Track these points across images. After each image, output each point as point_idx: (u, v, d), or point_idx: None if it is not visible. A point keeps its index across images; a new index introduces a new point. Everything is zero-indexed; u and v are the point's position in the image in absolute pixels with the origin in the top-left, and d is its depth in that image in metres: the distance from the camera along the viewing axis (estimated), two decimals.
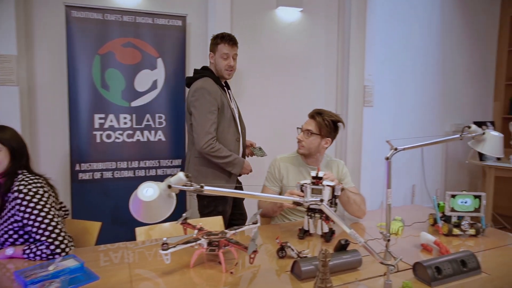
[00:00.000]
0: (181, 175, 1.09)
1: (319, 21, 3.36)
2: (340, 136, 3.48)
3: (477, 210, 1.65)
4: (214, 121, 2.04)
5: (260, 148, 2.41)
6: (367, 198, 1.94)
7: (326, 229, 1.56)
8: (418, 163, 3.84)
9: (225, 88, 2.24)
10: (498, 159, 3.76)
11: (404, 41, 3.76)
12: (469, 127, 1.50)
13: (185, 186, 1.09)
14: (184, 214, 1.50)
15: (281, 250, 1.39)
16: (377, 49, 3.51)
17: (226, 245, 1.32)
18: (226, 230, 1.41)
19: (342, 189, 1.71)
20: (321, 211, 1.58)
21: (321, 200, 1.09)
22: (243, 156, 2.28)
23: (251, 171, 2.25)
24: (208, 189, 1.08)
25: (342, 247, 1.33)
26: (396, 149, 1.34)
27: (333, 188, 1.58)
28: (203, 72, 2.19)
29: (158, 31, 2.62)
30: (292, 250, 1.37)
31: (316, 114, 1.87)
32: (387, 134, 3.46)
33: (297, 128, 1.93)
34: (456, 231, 1.64)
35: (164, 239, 1.24)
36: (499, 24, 4.38)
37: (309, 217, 1.58)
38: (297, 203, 1.09)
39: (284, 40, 3.23)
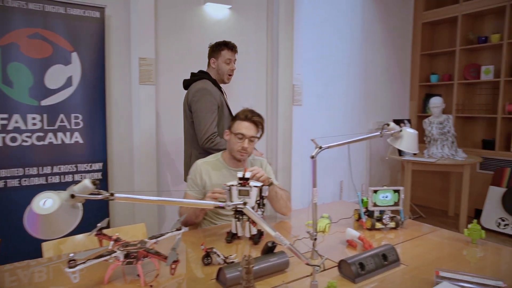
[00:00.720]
0: (86, 182, 0.96)
1: (248, 19, 3.33)
2: (270, 135, 3.52)
3: (396, 203, 1.73)
4: (214, 119, 2.18)
5: None
6: (297, 197, 1.95)
7: (254, 231, 1.52)
8: (345, 160, 4.01)
9: (222, 89, 2.37)
10: (414, 154, 4.08)
11: (330, 43, 3.90)
12: (388, 125, 1.56)
13: (92, 194, 0.97)
14: (99, 224, 1.35)
15: (207, 257, 1.31)
16: (305, 49, 3.59)
17: (145, 256, 1.21)
18: (146, 240, 1.29)
19: (271, 184, 1.69)
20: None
21: (244, 203, 1.03)
22: None
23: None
24: (119, 197, 0.97)
25: (269, 250, 1.29)
26: (320, 147, 1.34)
27: (260, 188, 1.54)
28: (201, 75, 2.32)
29: (72, 22, 2.38)
30: (218, 256, 1.30)
31: (255, 118, 1.78)
32: (316, 132, 3.56)
33: (237, 134, 1.78)
34: (378, 225, 1.70)
35: (71, 254, 1.10)
36: (413, 31, 4.77)
37: (236, 219, 1.53)
38: (219, 207, 1.02)
39: (213, 37, 3.11)
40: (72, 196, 0.94)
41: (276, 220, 1.88)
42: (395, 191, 1.72)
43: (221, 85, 2.41)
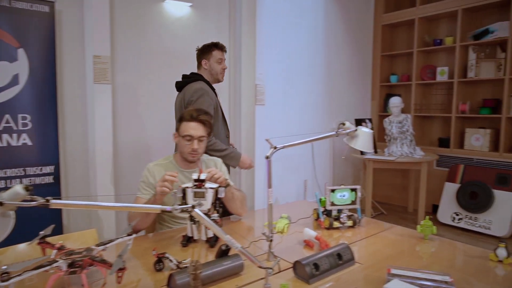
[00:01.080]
0: (18, 188, 0.89)
1: (210, 18, 3.28)
2: (233, 135, 3.48)
3: (354, 202, 1.75)
4: None
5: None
6: (260, 197, 1.93)
7: (210, 234, 1.48)
8: (309, 159, 4.05)
9: (215, 91, 2.42)
10: (376, 152, 4.19)
11: (293, 43, 3.91)
12: (344, 124, 1.57)
13: (25, 201, 0.90)
14: (41, 232, 1.27)
15: (158, 262, 1.26)
16: (268, 49, 3.58)
17: (91, 265, 1.14)
18: (93, 247, 1.22)
19: (228, 185, 1.66)
20: (205, 215, 1.49)
21: (193, 206, 0.99)
22: None
23: (251, 166, 2.43)
24: (56, 203, 0.90)
25: (223, 253, 1.26)
26: (275, 147, 1.32)
27: (216, 190, 1.50)
28: (195, 76, 2.38)
29: (18, 16, 2.23)
30: (171, 261, 1.25)
31: (201, 116, 1.74)
32: (279, 132, 3.57)
33: (185, 136, 1.73)
34: (336, 224, 1.71)
35: (4, 267, 1.01)
36: (373, 32, 4.89)
37: (192, 222, 1.48)
38: (165, 211, 0.98)
39: (173, 35, 3.07)
40: (1, 203, 0.86)
41: (238, 221, 1.86)
42: (352, 189, 1.74)
43: (214, 86, 2.46)
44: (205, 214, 1.48)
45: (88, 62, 2.53)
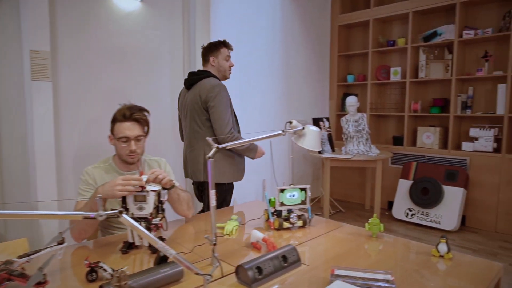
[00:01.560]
0: None
1: (162, 14, 3.16)
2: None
3: (303, 202, 1.72)
4: (231, 114, 2.29)
5: None
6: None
7: None
8: (268, 158, 4.02)
9: None
10: (333, 151, 4.24)
11: (250, 43, 3.87)
12: (291, 123, 1.54)
13: None
14: None
15: (91, 273, 1.16)
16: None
17: (8, 280, 1.03)
18: (14, 259, 1.10)
19: (173, 186, 1.58)
20: (146, 220, 1.41)
21: (120, 212, 0.91)
22: None
23: (264, 153, 2.53)
24: None
25: (162, 260, 1.18)
26: (217, 147, 1.26)
27: (159, 192, 1.42)
28: (205, 73, 2.39)
29: None
30: (105, 270, 1.16)
31: (135, 115, 1.64)
32: None
33: (121, 138, 1.63)
34: (286, 224, 1.67)
35: None
36: (330, 33, 4.96)
37: None
38: (89, 217, 0.89)
39: (122, 31, 2.92)
40: None
41: (187, 222, 1.78)
42: (302, 189, 1.72)
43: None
44: (146, 218, 1.42)
45: (25, 57, 2.34)
